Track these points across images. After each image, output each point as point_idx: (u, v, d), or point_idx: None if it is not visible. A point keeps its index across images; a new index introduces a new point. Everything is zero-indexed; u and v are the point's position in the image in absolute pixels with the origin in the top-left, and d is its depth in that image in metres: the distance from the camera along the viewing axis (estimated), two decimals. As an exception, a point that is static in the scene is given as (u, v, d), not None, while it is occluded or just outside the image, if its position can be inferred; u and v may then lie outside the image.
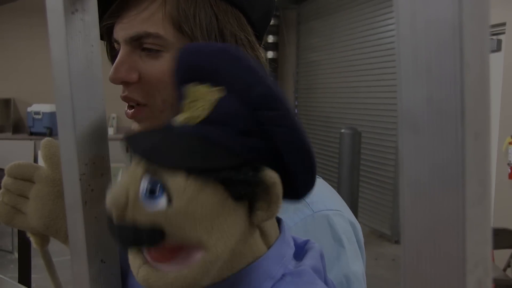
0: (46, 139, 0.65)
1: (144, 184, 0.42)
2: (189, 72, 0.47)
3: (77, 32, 0.53)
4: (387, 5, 5.40)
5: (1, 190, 0.67)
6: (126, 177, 0.44)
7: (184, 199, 0.41)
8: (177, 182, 0.41)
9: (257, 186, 0.43)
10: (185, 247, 0.43)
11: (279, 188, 0.43)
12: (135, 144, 0.45)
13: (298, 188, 0.46)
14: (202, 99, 0.45)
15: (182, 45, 0.67)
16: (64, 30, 0.52)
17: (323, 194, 0.75)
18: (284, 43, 7.55)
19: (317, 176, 0.54)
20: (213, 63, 0.45)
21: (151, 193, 0.42)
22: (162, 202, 0.41)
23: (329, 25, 6.63)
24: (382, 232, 5.61)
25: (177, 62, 0.48)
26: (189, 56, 0.47)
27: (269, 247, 0.48)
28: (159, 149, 0.43)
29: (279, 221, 0.52)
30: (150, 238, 0.42)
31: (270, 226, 0.49)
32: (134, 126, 0.73)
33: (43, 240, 0.68)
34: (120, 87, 0.71)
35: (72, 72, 0.53)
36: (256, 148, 0.43)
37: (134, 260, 0.45)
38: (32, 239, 0.68)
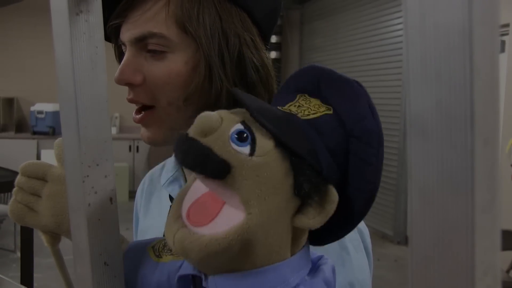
0: (60, 138, 0.65)
1: (238, 127, 0.44)
2: (309, 83, 0.51)
3: (82, 33, 0.53)
4: (390, 5, 5.39)
5: (15, 189, 0.67)
6: (226, 113, 0.46)
7: (263, 160, 0.43)
8: (265, 143, 0.44)
9: (318, 194, 0.44)
10: (222, 212, 0.44)
11: (333, 208, 0.44)
12: (245, 96, 0.48)
13: (331, 231, 0.49)
14: (310, 108, 0.48)
15: (186, 46, 0.68)
16: (69, 32, 0.52)
17: None
18: (288, 43, 7.55)
19: None
20: (343, 85, 0.49)
21: (240, 137, 0.44)
22: (244, 150, 0.43)
23: (333, 26, 6.62)
24: (384, 233, 5.60)
25: (301, 71, 0.52)
26: (317, 72, 0.51)
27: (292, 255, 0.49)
28: (265, 110, 0.46)
29: None
30: (219, 168, 0.42)
31: (302, 236, 0.49)
32: (143, 131, 0.73)
33: (54, 239, 0.68)
34: (125, 87, 0.71)
35: (76, 74, 0.53)
36: (332, 170, 0.46)
37: (171, 226, 0.45)
38: (43, 238, 0.68)
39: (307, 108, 0.49)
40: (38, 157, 6.56)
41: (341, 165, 0.46)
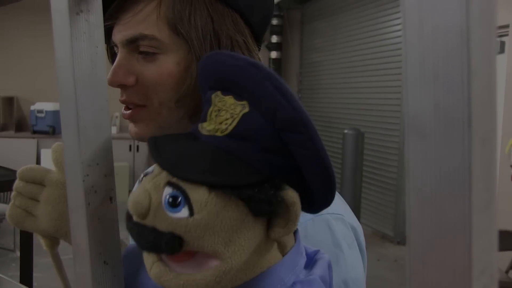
0: (57, 143, 0.66)
1: (166, 193, 0.43)
2: (213, 80, 0.48)
3: (82, 33, 0.53)
4: (390, 6, 5.39)
5: (13, 193, 0.67)
6: (149, 183, 0.45)
7: (205, 213, 0.42)
8: (199, 195, 0.42)
9: (277, 205, 0.43)
10: (201, 253, 0.44)
11: (298, 208, 0.44)
12: (158, 152, 0.45)
13: (315, 203, 0.48)
14: (227, 111, 0.46)
15: (178, 47, 0.68)
16: (69, 31, 0.52)
17: None
18: (288, 43, 7.55)
19: None
20: (238, 78, 0.45)
21: (173, 203, 0.43)
22: (183, 212, 0.42)
23: (333, 26, 6.62)
24: (384, 233, 5.60)
25: (201, 67, 0.49)
26: (213, 65, 0.48)
27: (283, 255, 0.49)
28: (183, 161, 0.44)
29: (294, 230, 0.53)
30: (169, 245, 0.42)
31: (287, 236, 0.49)
32: (131, 127, 0.74)
33: (53, 242, 0.69)
34: None
35: (76, 73, 0.53)
36: (278, 165, 0.44)
37: (148, 256, 0.45)
38: (42, 242, 0.69)
39: (225, 111, 0.46)
40: (38, 156, 6.56)
41: (288, 154, 0.44)
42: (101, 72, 0.55)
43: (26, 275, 2.83)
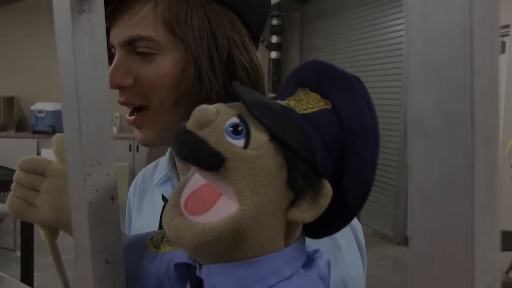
0: (58, 134, 0.66)
1: (234, 120, 0.45)
2: (310, 78, 0.51)
3: (84, 32, 0.53)
4: (391, 6, 5.39)
5: (13, 184, 0.67)
6: (222, 106, 0.47)
7: (257, 153, 0.44)
8: (259, 137, 0.45)
9: (311, 188, 0.45)
10: (218, 202, 0.45)
11: (326, 202, 0.45)
12: (243, 90, 0.48)
13: (325, 225, 0.50)
14: (309, 102, 0.49)
15: (175, 48, 0.68)
16: (71, 31, 0.52)
17: None
18: (288, 44, 7.55)
19: None
20: (341, 80, 0.49)
21: (235, 130, 0.45)
22: (238, 143, 0.44)
23: (333, 26, 6.62)
24: (384, 234, 5.60)
25: (303, 65, 0.54)
26: (319, 66, 0.52)
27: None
28: (263, 106, 0.47)
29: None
30: (211, 160, 0.43)
31: (296, 229, 0.50)
32: (136, 133, 0.74)
33: (52, 233, 0.69)
34: None
35: (78, 73, 0.53)
36: (329, 164, 0.47)
37: (168, 213, 0.47)
38: (41, 232, 0.68)
39: (306, 102, 0.49)
40: (38, 156, 6.55)
41: (337, 160, 0.47)
42: (103, 72, 0.55)
43: (26, 275, 2.84)
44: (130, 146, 6.94)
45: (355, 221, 0.75)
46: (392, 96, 5.35)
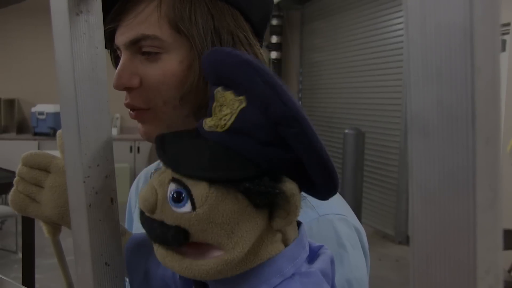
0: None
1: (171, 189, 0.45)
2: (214, 77, 0.49)
3: (82, 33, 0.53)
4: (390, 5, 5.39)
5: (16, 179, 0.67)
6: (156, 180, 0.47)
7: (206, 207, 0.44)
8: (200, 190, 0.44)
9: (276, 196, 0.45)
10: (206, 244, 0.46)
11: (297, 199, 0.45)
12: (163, 151, 0.48)
13: (320, 192, 0.48)
14: (227, 106, 0.47)
15: (180, 46, 0.68)
16: (69, 32, 0.52)
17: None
18: (288, 44, 7.55)
19: None
20: (233, 75, 0.46)
21: (177, 198, 0.45)
22: (187, 207, 0.45)
23: (333, 26, 6.62)
24: (385, 233, 5.60)
25: (203, 65, 0.51)
26: (211, 64, 0.49)
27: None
28: (185, 159, 0.46)
29: (299, 224, 0.53)
30: (175, 238, 0.45)
31: (291, 228, 0.50)
32: (140, 127, 0.74)
33: (55, 229, 0.68)
34: None
35: (76, 74, 0.53)
36: (278, 158, 0.45)
37: None
38: (44, 228, 0.68)
39: (226, 108, 0.47)
40: (39, 158, 6.54)
41: (287, 146, 0.45)
42: (101, 73, 0.55)
43: (28, 277, 2.83)
44: (131, 147, 6.94)
45: (358, 225, 0.75)
46: (393, 96, 5.35)
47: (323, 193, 0.49)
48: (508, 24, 4.15)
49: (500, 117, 0.28)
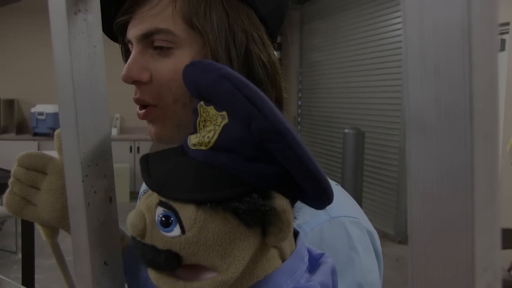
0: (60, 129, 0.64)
1: (159, 213, 0.44)
2: (195, 91, 0.48)
3: (80, 32, 0.53)
4: (390, 5, 5.39)
5: (11, 180, 0.65)
6: (143, 204, 0.46)
7: (195, 230, 0.43)
8: (188, 213, 0.43)
9: (266, 214, 0.43)
10: (200, 266, 0.44)
11: (289, 215, 0.43)
12: (147, 174, 0.47)
13: (315, 203, 0.47)
14: (211, 122, 0.45)
15: (193, 42, 0.68)
16: (67, 31, 0.52)
17: (341, 200, 0.74)
18: (287, 43, 7.55)
19: (335, 183, 0.51)
20: (212, 91, 0.45)
21: (166, 222, 0.43)
22: (176, 231, 0.43)
23: (332, 25, 6.62)
24: (385, 232, 5.60)
25: (184, 78, 0.48)
26: (191, 78, 0.47)
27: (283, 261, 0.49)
28: (170, 181, 0.45)
29: (297, 233, 0.52)
30: (167, 262, 0.44)
31: (286, 242, 0.49)
32: (150, 127, 0.73)
33: (53, 232, 0.67)
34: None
35: (75, 73, 0.53)
36: (266, 173, 0.44)
37: None
38: (41, 231, 0.67)
39: (209, 123, 0.46)
40: (39, 158, 6.54)
41: (274, 160, 0.43)
42: (100, 72, 0.55)
43: (28, 277, 2.83)
44: (130, 147, 6.94)
45: (371, 228, 0.74)
46: (392, 95, 5.35)
47: (317, 203, 0.47)
48: (507, 24, 4.15)
49: (498, 114, 0.28)
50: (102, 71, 0.56)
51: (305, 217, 0.67)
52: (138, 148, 6.98)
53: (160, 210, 0.44)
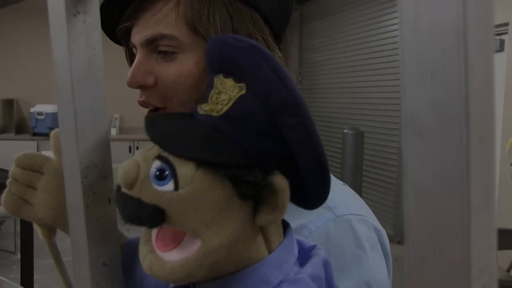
0: (56, 129, 0.64)
1: (155, 166, 0.43)
2: (217, 62, 0.47)
3: (79, 34, 0.53)
4: (389, 5, 5.39)
5: (9, 180, 0.66)
6: (141, 155, 0.45)
7: (190, 188, 0.42)
8: (186, 171, 0.42)
9: (264, 189, 0.43)
10: (185, 238, 0.44)
11: (286, 195, 0.43)
12: (152, 127, 0.46)
13: (310, 197, 0.47)
14: (226, 93, 0.45)
15: (197, 46, 0.67)
16: (66, 32, 0.52)
17: (347, 199, 0.74)
18: (287, 43, 7.54)
19: (342, 183, 0.50)
20: (239, 59, 0.45)
21: (160, 176, 0.43)
22: (168, 186, 0.42)
23: (332, 25, 6.62)
24: (385, 233, 5.60)
25: (207, 51, 0.49)
26: (218, 48, 0.47)
27: (270, 253, 0.48)
28: (174, 137, 0.44)
29: (286, 225, 0.51)
30: (150, 217, 0.43)
31: (274, 231, 0.48)
32: None
33: (50, 231, 0.67)
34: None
35: (74, 75, 0.53)
36: (271, 151, 0.44)
37: (142, 249, 0.46)
38: (38, 230, 0.67)
39: (224, 95, 0.45)
40: (38, 159, 6.53)
41: (279, 139, 0.43)
42: (99, 73, 0.55)
43: (27, 277, 2.83)
44: (130, 147, 6.94)
45: (379, 226, 0.73)
46: (392, 95, 5.35)
47: (312, 199, 0.47)
48: (506, 24, 4.15)
49: (494, 116, 0.28)
50: (101, 73, 0.56)
51: (310, 216, 0.67)
52: (137, 148, 6.97)
53: (157, 163, 0.43)
